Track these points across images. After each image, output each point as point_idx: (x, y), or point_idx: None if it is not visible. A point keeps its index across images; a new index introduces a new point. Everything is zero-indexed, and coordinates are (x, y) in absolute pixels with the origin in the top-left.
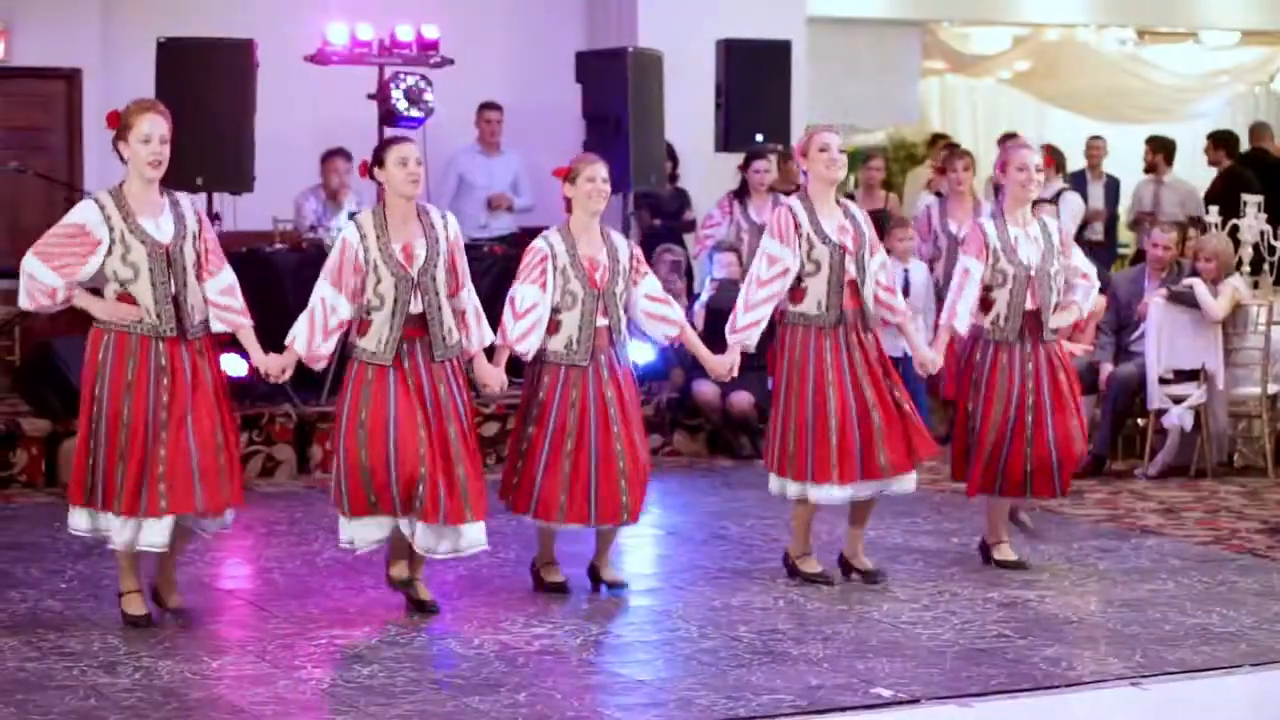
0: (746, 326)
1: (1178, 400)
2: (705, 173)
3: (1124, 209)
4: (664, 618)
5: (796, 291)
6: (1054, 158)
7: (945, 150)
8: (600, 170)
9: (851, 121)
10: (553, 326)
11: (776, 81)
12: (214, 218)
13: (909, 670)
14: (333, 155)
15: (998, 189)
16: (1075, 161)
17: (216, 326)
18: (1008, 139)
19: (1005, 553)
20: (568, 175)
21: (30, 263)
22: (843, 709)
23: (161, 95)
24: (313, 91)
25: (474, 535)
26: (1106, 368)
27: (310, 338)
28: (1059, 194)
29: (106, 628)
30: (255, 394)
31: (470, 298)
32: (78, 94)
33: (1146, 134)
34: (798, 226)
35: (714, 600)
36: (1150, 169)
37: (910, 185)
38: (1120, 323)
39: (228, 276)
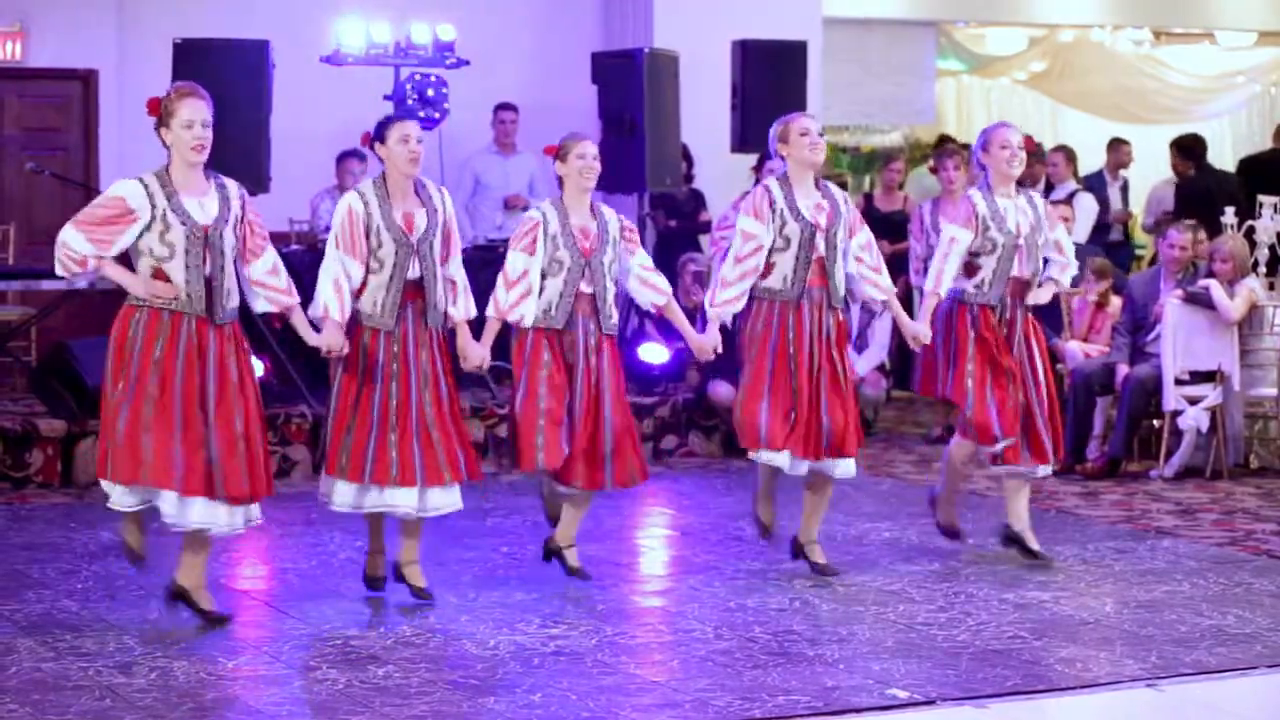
0: (725, 302)
1: (1193, 401)
2: (721, 173)
3: (1137, 210)
4: (679, 619)
5: (766, 266)
6: (1069, 159)
7: (935, 149)
8: (590, 148)
9: (867, 122)
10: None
11: (792, 82)
12: None
13: (924, 671)
14: (348, 156)
15: (983, 169)
16: (1090, 162)
17: (263, 307)
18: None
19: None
20: (557, 153)
21: (67, 233)
22: (858, 710)
23: None
24: (328, 92)
25: (448, 498)
26: (1122, 369)
27: (341, 305)
28: (1072, 194)
29: (122, 628)
30: (270, 395)
31: (459, 270)
32: (94, 95)
33: (1161, 134)
34: (772, 204)
35: (729, 601)
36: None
37: (911, 185)
38: (1136, 324)
39: (271, 256)
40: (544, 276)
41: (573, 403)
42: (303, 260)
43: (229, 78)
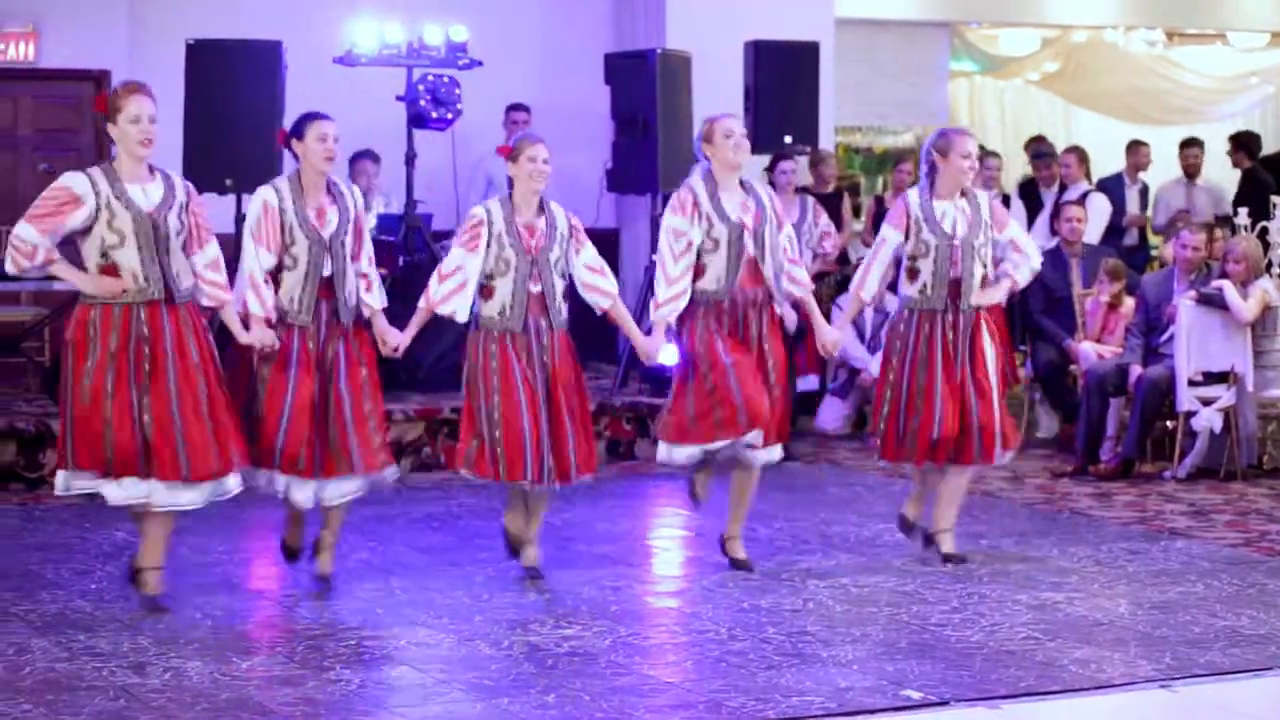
0: (668, 301)
1: (1207, 402)
2: None
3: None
4: (693, 619)
5: (697, 268)
6: (1081, 159)
7: None
8: (541, 151)
9: (880, 123)
10: (488, 293)
11: (805, 83)
12: (243, 219)
13: (938, 672)
14: (360, 157)
15: (933, 168)
16: (1101, 163)
17: (203, 302)
18: (1035, 143)
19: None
20: (510, 154)
21: (19, 226)
22: (872, 711)
23: (190, 97)
24: (341, 93)
25: (349, 486)
26: (1136, 370)
27: (261, 299)
28: (1085, 195)
29: (137, 628)
30: None
31: (371, 265)
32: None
33: (1174, 136)
34: (696, 205)
35: (743, 602)
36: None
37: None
38: (1149, 325)
39: (214, 250)
40: (492, 277)
41: (535, 407)
42: None
43: (242, 78)
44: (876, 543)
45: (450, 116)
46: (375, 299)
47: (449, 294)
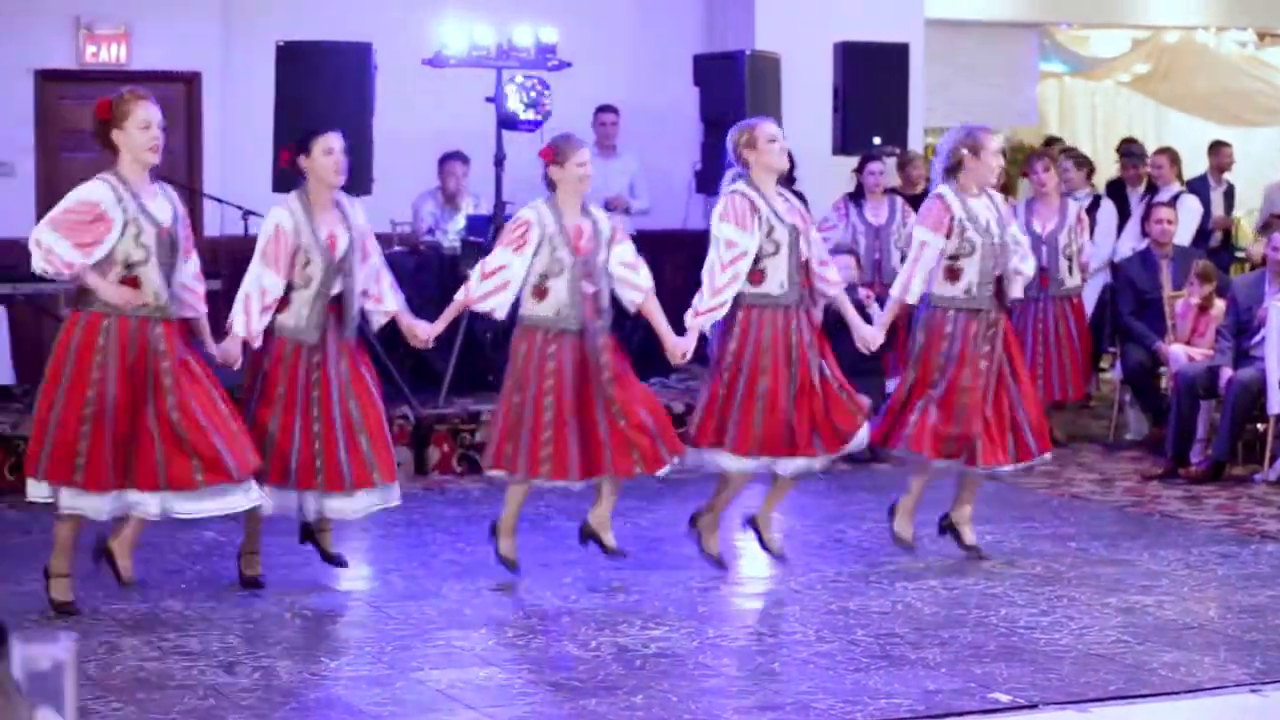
0: (709, 310)
1: None
2: (822, 175)
3: (1244, 213)
4: (781, 621)
5: (755, 273)
6: (1173, 161)
7: (1028, 152)
8: (586, 155)
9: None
10: (541, 293)
11: (894, 83)
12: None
13: (1026, 675)
14: (450, 158)
15: (958, 166)
16: (1193, 165)
17: (184, 313)
18: (1125, 143)
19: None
20: (554, 158)
21: (48, 236)
22: (960, 714)
23: (280, 98)
24: (430, 94)
25: (382, 497)
26: (1226, 372)
27: (248, 321)
28: (1176, 196)
29: (226, 627)
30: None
31: (383, 268)
32: (197, 98)
33: (1265, 137)
34: (755, 211)
35: (831, 604)
36: None
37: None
38: (1240, 327)
39: (195, 261)
40: (546, 277)
41: (587, 407)
42: (405, 263)
43: (332, 80)
44: None
45: (540, 118)
46: (391, 302)
47: (490, 292)
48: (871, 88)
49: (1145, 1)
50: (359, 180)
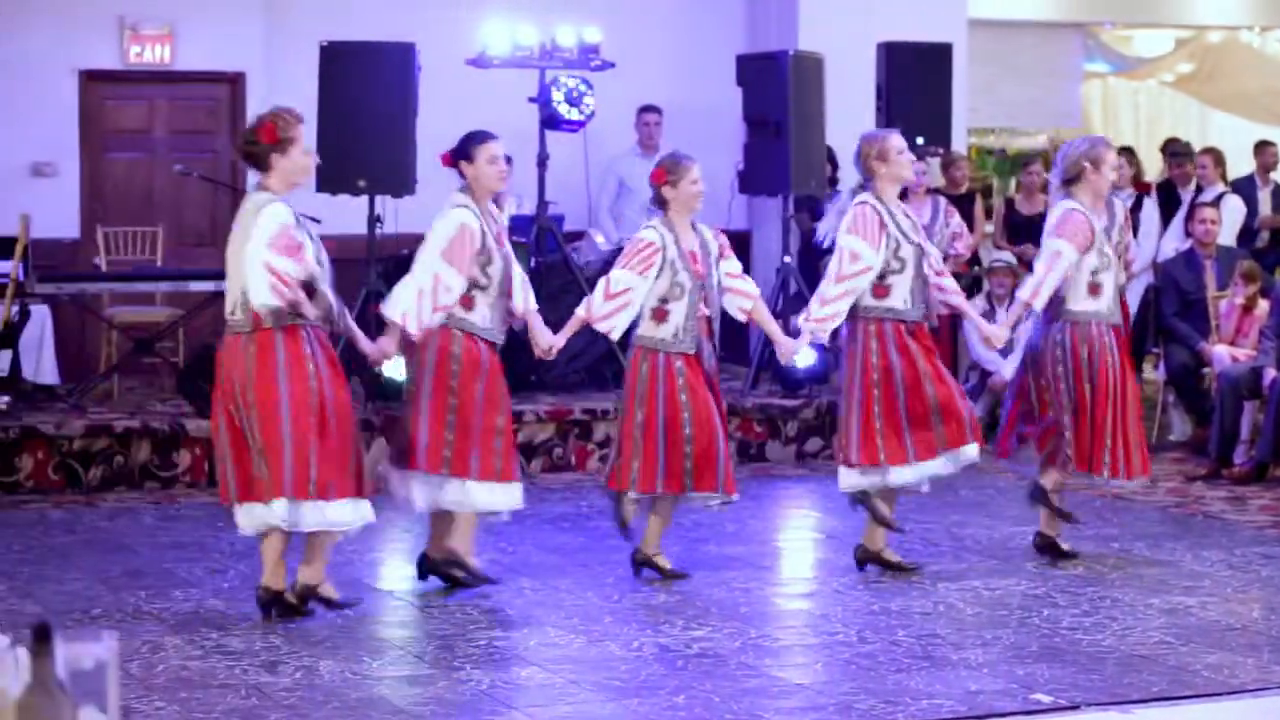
0: (821, 320)
1: None
2: None
3: None
4: (823, 621)
5: (880, 288)
6: (1217, 161)
7: None
8: (698, 171)
9: (1012, 124)
10: (661, 315)
11: (937, 84)
12: (376, 220)
13: (1069, 676)
14: None
15: (1078, 178)
16: (1238, 164)
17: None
18: (1171, 144)
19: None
20: (666, 179)
21: (279, 261)
22: (1002, 715)
23: (323, 98)
24: (474, 94)
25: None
26: (1270, 372)
27: (418, 314)
28: (1220, 196)
29: (268, 627)
30: None
31: (519, 268)
32: (241, 97)
33: None
34: (884, 227)
35: (873, 604)
36: None
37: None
38: None
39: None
40: (666, 300)
41: (689, 429)
42: None
43: (375, 80)
44: (1008, 545)
45: (582, 118)
46: (529, 302)
47: (612, 312)
48: (915, 88)
49: (1189, 1)
50: (402, 180)
